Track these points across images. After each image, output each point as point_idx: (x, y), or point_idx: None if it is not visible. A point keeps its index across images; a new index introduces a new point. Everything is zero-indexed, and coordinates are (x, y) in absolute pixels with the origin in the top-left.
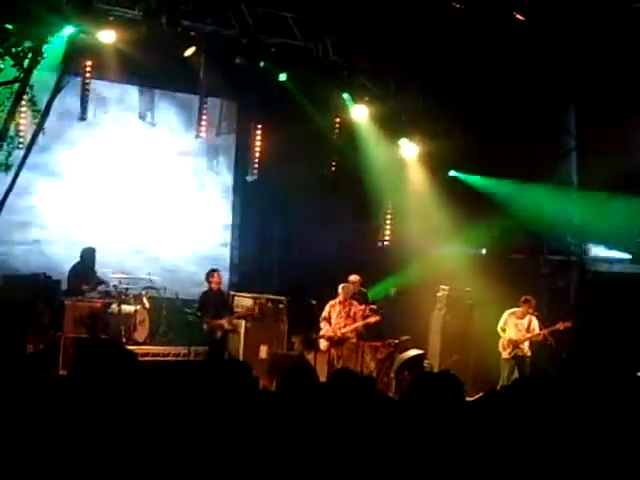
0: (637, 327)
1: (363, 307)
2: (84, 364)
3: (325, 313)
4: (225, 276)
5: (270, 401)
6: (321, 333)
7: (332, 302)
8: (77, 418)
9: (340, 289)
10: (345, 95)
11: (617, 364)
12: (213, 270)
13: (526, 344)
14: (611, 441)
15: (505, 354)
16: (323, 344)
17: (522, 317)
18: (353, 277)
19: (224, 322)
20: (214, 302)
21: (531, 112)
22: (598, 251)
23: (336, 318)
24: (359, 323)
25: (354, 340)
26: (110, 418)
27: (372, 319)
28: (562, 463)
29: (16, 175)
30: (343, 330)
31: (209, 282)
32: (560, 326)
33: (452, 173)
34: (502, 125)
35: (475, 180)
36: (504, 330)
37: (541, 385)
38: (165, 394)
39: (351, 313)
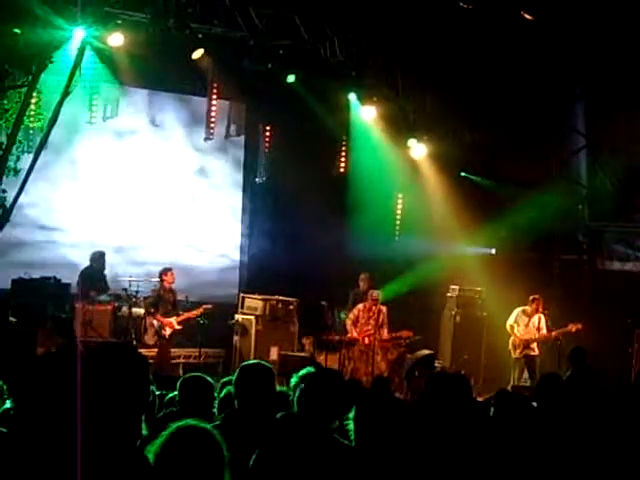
0: None
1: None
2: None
3: (353, 315)
4: (235, 277)
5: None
6: (350, 336)
7: (360, 306)
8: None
9: (369, 295)
10: (353, 96)
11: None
12: (167, 269)
13: (536, 343)
14: (622, 441)
15: (516, 353)
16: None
17: (532, 315)
18: (362, 276)
19: (173, 320)
20: (166, 300)
21: (540, 111)
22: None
23: (364, 324)
24: (392, 335)
25: (366, 341)
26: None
27: (404, 333)
28: (572, 462)
29: (25, 179)
30: (372, 338)
31: (162, 280)
32: (572, 328)
33: (463, 174)
34: (511, 124)
35: (485, 181)
36: (513, 328)
37: (552, 386)
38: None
39: (380, 320)
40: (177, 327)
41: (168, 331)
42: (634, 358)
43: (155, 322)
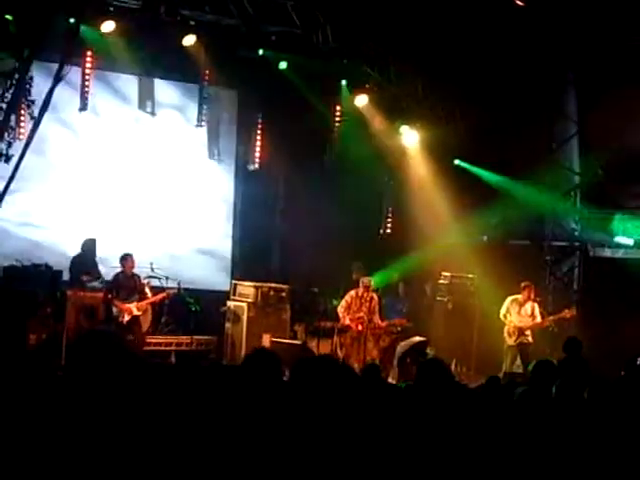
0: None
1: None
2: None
3: (345, 302)
4: (227, 264)
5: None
6: (342, 323)
7: (352, 293)
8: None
9: (361, 282)
10: (345, 82)
11: (618, 351)
12: (126, 254)
13: (530, 331)
14: (614, 427)
15: (510, 341)
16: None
17: (524, 303)
18: (355, 264)
19: (132, 306)
20: (126, 285)
21: (532, 97)
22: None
23: (356, 311)
24: (382, 324)
25: (359, 328)
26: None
27: (397, 321)
28: (564, 450)
29: (17, 166)
30: (368, 326)
31: (122, 265)
32: (566, 314)
33: (456, 162)
34: (502, 111)
35: (476, 168)
36: (506, 317)
37: (545, 373)
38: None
39: (372, 307)
40: (136, 313)
41: (126, 317)
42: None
43: (114, 308)
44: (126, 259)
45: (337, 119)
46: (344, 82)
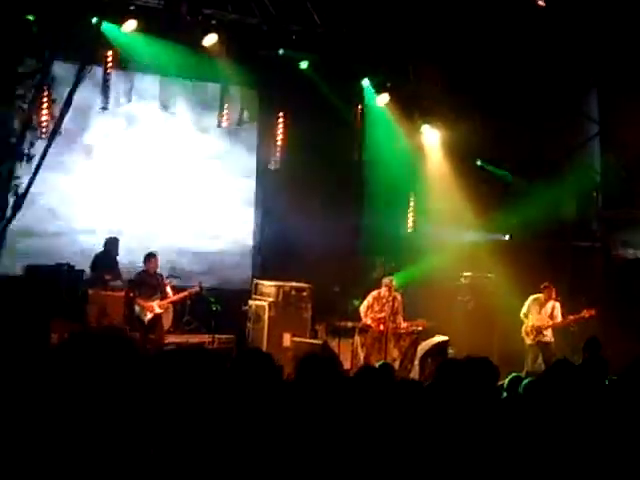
0: None
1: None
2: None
3: (367, 302)
4: (249, 263)
5: (289, 390)
6: (364, 322)
7: (375, 293)
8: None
9: (384, 284)
10: (366, 81)
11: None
12: (151, 254)
13: (549, 330)
14: (631, 428)
15: (529, 340)
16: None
17: (545, 303)
18: (378, 262)
19: (154, 305)
20: (148, 283)
21: (554, 98)
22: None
23: (378, 312)
24: (403, 325)
25: (380, 328)
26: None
27: (420, 323)
28: (584, 449)
29: (39, 165)
30: (390, 325)
31: (146, 264)
32: (585, 314)
33: (478, 163)
34: (524, 111)
35: (498, 169)
36: (527, 316)
37: (564, 372)
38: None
39: (395, 307)
40: (158, 311)
41: (149, 315)
42: None
43: (136, 307)
44: (150, 259)
45: (359, 118)
46: (366, 81)
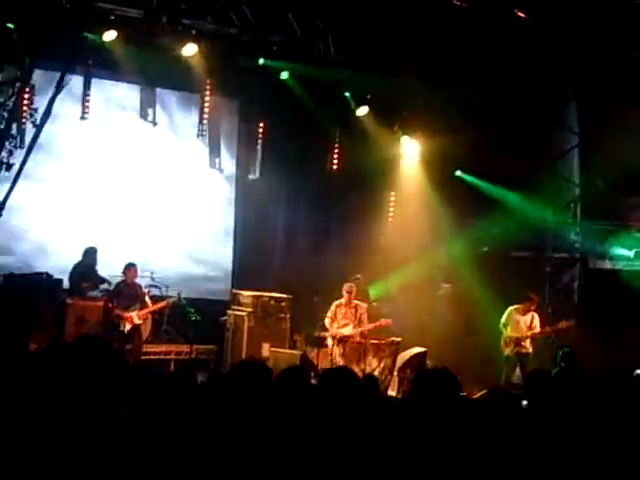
0: (639, 324)
1: (366, 306)
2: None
3: (331, 313)
4: (228, 273)
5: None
6: (328, 333)
7: (338, 302)
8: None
9: (345, 290)
10: (347, 93)
11: (617, 362)
12: (131, 264)
13: (528, 341)
14: (611, 437)
15: (507, 351)
16: (330, 343)
17: (524, 314)
18: (357, 276)
19: (133, 315)
20: (127, 294)
21: (533, 110)
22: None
23: (342, 319)
24: (369, 326)
25: (358, 339)
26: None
27: (383, 322)
28: (564, 459)
29: (18, 174)
30: (352, 332)
31: (125, 274)
32: (563, 325)
33: (457, 173)
34: (504, 123)
35: (477, 180)
36: (505, 326)
37: (541, 383)
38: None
39: (357, 314)
40: (137, 322)
41: (127, 326)
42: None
43: (115, 317)
44: (129, 268)
45: (339, 129)
46: (347, 94)
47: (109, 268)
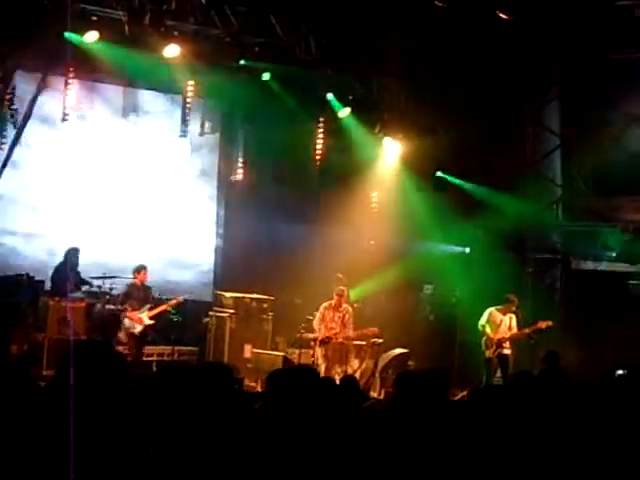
0: (621, 325)
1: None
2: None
3: (320, 314)
4: (210, 275)
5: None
6: (312, 334)
7: (327, 304)
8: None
9: (336, 294)
10: (329, 94)
11: (599, 362)
12: (140, 267)
13: (508, 343)
14: (592, 437)
15: (489, 353)
16: (313, 344)
17: (504, 314)
18: (339, 275)
19: (144, 316)
20: (136, 295)
21: (515, 111)
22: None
23: (330, 321)
24: (354, 333)
25: (340, 340)
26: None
27: (369, 331)
28: (547, 460)
29: None
30: (339, 333)
31: (135, 277)
32: (542, 325)
33: (438, 174)
34: (486, 124)
35: (459, 180)
36: (484, 327)
37: (524, 384)
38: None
39: (345, 319)
40: (147, 322)
41: (138, 328)
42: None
43: (126, 319)
44: (140, 271)
45: (321, 130)
46: (330, 95)
47: (91, 269)
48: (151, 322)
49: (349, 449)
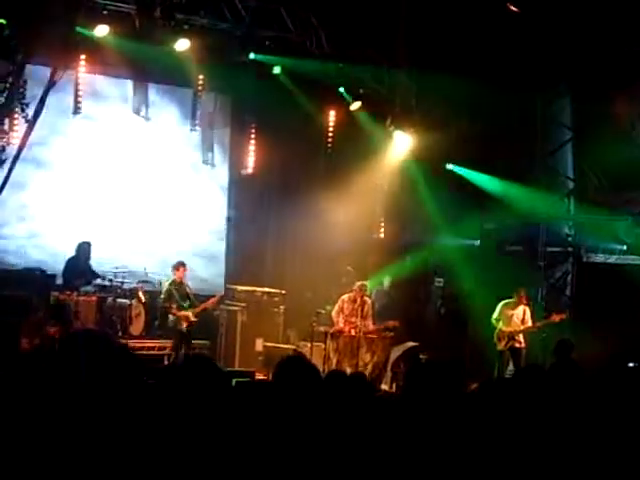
0: (633, 318)
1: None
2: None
3: (338, 307)
4: (221, 269)
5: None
6: (336, 327)
7: (346, 297)
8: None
9: (357, 288)
10: (340, 88)
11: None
12: (179, 263)
13: (521, 336)
14: (603, 431)
15: (500, 346)
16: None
17: (515, 308)
18: (348, 268)
19: (190, 313)
20: (177, 293)
21: (527, 104)
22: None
23: (349, 315)
24: (378, 325)
25: (351, 333)
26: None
27: (391, 323)
28: (555, 455)
29: (10, 169)
30: (360, 330)
31: (174, 273)
32: (555, 318)
33: (449, 167)
34: (497, 117)
35: (470, 173)
36: (498, 321)
37: (535, 377)
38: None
39: (364, 312)
40: (193, 319)
41: (184, 324)
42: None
43: (170, 317)
44: (179, 267)
45: (331, 124)
46: (341, 89)
47: (102, 263)
48: (196, 319)
49: (358, 440)
